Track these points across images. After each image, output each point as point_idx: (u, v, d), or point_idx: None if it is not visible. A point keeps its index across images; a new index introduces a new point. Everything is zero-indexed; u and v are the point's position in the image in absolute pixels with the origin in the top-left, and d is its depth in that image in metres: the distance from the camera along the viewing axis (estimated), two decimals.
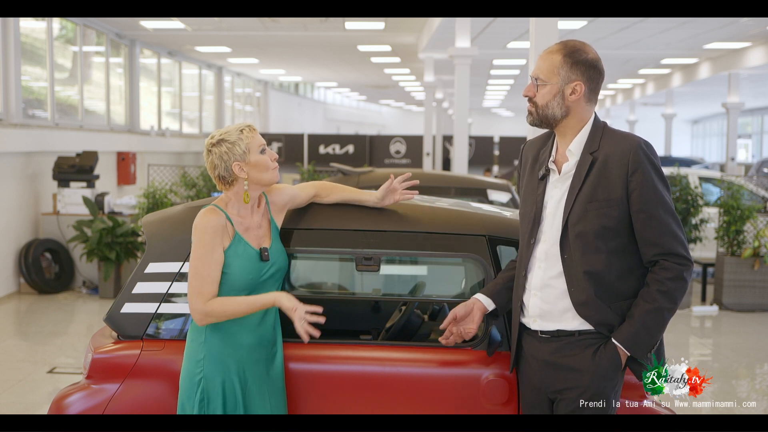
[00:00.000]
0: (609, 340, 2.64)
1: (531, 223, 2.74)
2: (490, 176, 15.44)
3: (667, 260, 2.60)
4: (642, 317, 2.59)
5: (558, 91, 2.67)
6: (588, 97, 2.70)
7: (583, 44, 2.70)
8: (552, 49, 2.71)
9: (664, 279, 2.59)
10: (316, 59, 17.88)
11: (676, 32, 12.77)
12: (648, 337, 2.60)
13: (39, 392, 5.71)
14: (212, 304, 2.76)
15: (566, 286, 2.65)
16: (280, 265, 2.89)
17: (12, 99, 9.37)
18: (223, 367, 2.79)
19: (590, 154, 2.65)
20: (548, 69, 2.68)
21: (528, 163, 2.85)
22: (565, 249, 2.66)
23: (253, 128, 2.86)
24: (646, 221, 2.59)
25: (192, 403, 2.77)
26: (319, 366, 2.99)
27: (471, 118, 31.01)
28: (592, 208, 2.62)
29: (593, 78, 2.69)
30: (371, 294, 4.44)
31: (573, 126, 2.71)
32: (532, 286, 2.73)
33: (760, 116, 31.98)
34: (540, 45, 5.22)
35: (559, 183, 2.71)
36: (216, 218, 2.79)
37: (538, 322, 2.72)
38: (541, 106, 2.70)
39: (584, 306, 2.63)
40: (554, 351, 2.68)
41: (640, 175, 2.58)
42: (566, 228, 2.65)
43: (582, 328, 2.65)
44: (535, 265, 2.73)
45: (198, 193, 10.79)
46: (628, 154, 2.59)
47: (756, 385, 6.47)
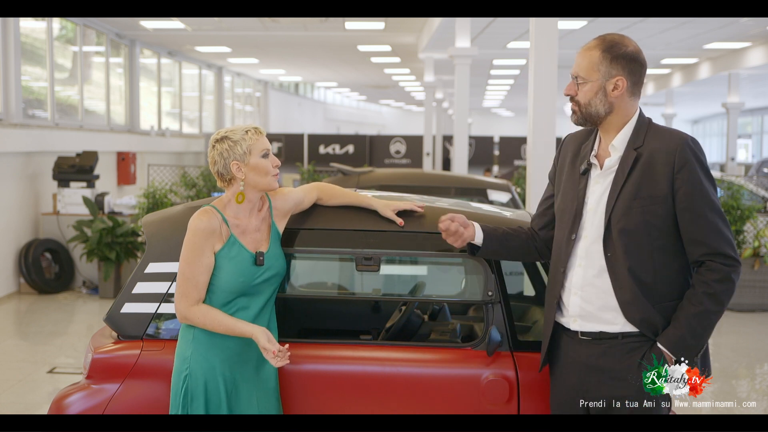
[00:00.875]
0: (654, 343, 2.57)
1: (572, 218, 2.68)
2: (490, 176, 15.44)
3: (714, 261, 2.52)
4: (688, 320, 2.52)
5: (599, 88, 2.61)
6: (631, 91, 2.63)
7: (621, 37, 2.64)
8: (590, 45, 2.65)
9: (711, 281, 2.52)
10: (316, 59, 17.88)
11: (676, 32, 12.77)
12: (694, 341, 2.54)
13: (39, 392, 5.71)
14: (195, 312, 2.76)
15: (610, 285, 2.59)
16: (277, 270, 2.88)
17: (12, 99, 9.37)
18: (208, 366, 2.78)
19: (634, 150, 2.59)
20: (588, 66, 2.62)
21: (568, 157, 2.78)
22: (608, 246, 2.59)
23: (260, 131, 2.84)
24: (692, 220, 2.53)
25: (178, 399, 2.78)
26: (319, 366, 2.99)
27: (471, 118, 30.99)
28: (636, 205, 2.55)
29: (635, 71, 2.62)
30: (371, 294, 4.44)
31: (617, 122, 2.65)
32: (572, 285, 2.67)
33: (760, 116, 31.97)
34: (540, 45, 5.22)
35: (601, 178, 2.65)
36: (208, 221, 2.78)
37: (579, 322, 2.66)
38: (584, 104, 2.64)
39: (629, 305, 2.57)
40: (597, 355, 2.61)
41: (686, 172, 2.52)
42: (609, 225, 2.59)
43: (625, 330, 2.59)
44: (575, 263, 2.67)
45: (198, 193, 10.79)
46: (675, 151, 2.53)
47: (756, 385, 6.47)
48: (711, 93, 23.02)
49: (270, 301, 2.89)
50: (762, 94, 23.87)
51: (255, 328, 2.75)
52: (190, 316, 2.76)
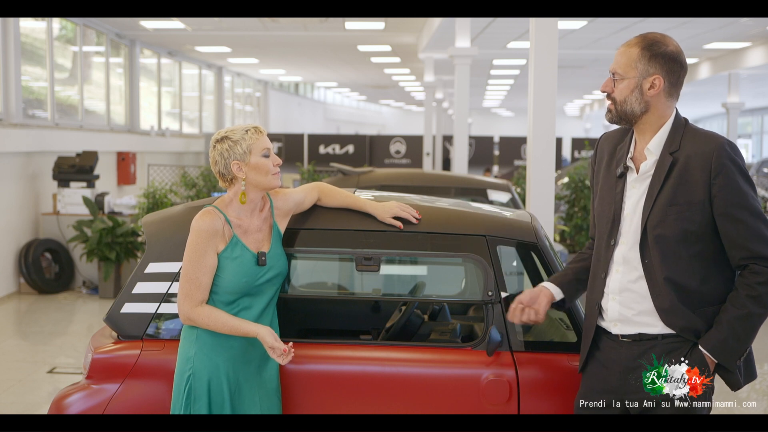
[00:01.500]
0: (695, 346, 2.54)
1: (610, 223, 2.66)
2: (490, 176, 15.44)
3: (757, 264, 2.49)
4: (730, 323, 2.49)
5: (636, 86, 2.58)
6: (668, 91, 2.60)
7: (663, 36, 2.61)
8: (630, 42, 2.62)
9: (754, 283, 2.49)
10: (316, 59, 17.88)
11: (676, 32, 12.76)
12: (737, 344, 2.50)
13: (39, 392, 5.71)
14: (200, 312, 2.76)
15: (648, 291, 2.57)
16: (279, 270, 2.88)
17: (12, 99, 9.37)
18: (212, 366, 2.78)
19: (670, 154, 2.56)
20: (626, 63, 2.59)
21: (604, 159, 2.75)
22: (645, 253, 2.57)
23: (260, 130, 2.84)
24: (732, 225, 2.49)
25: (180, 400, 2.78)
26: (319, 366, 2.99)
27: (471, 118, 31.01)
28: (672, 212, 2.52)
29: (673, 71, 2.58)
30: (371, 294, 4.44)
31: (653, 123, 2.61)
32: (610, 290, 2.65)
33: (760, 116, 31.97)
34: (540, 45, 5.22)
35: (637, 183, 2.62)
36: (211, 221, 2.78)
37: (619, 326, 2.64)
38: (620, 101, 2.61)
39: (668, 313, 2.54)
40: (638, 356, 2.59)
41: (723, 177, 2.48)
42: (645, 231, 2.57)
43: (665, 332, 2.57)
44: (613, 269, 2.65)
45: (198, 193, 10.79)
46: (711, 155, 2.49)
47: (756, 385, 6.46)
48: (711, 93, 23.01)
49: (272, 300, 2.89)
50: (762, 94, 23.87)
51: (260, 327, 2.76)
52: (194, 317, 2.76)
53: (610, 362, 2.66)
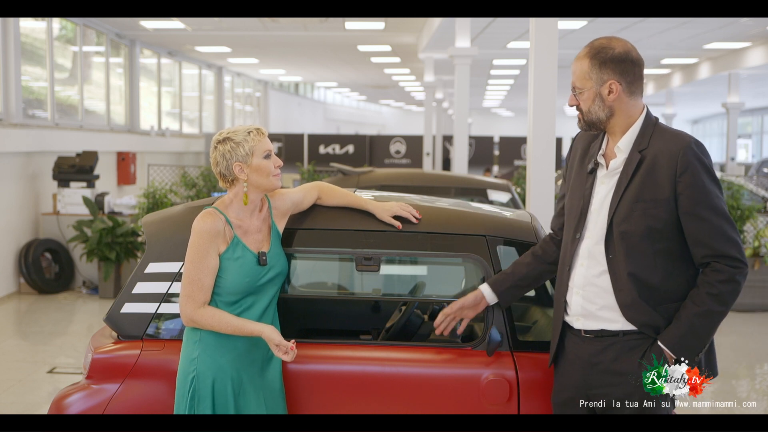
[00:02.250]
0: (655, 342, 2.57)
1: (577, 217, 2.70)
2: (490, 176, 15.43)
3: (719, 262, 2.52)
4: (690, 320, 2.52)
5: (595, 95, 2.63)
6: (629, 91, 2.64)
7: (609, 40, 2.65)
8: (580, 55, 2.68)
9: (715, 281, 2.52)
10: (316, 59, 17.88)
11: (676, 32, 12.77)
12: (695, 341, 2.54)
13: (39, 392, 5.71)
14: (203, 314, 2.76)
15: (611, 286, 2.61)
16: (279, 270, 2.89)
17: (12, 99, 9.37)
18: (216, 367, 2.78)
19: (639, 152, 2.60)
20: (580, 75, 2.66)
21: (578, 155, 2.80)
22: (610, 248, 2.61)
23: (262, 132, 2.85)
24: (696, 223, 2.53)
25: (184, 401, 2.78)
26: (319, 366, 2.99)
27: (471, 118, 31.00)
28: (638, 208, 2.57)
29: (627, 71, 2.63)
30: (371, 294, 4.43)
31: (621, 124, 2.66)
32: (574, 284, 2.69)
33: (760, 116, 31.97)
34: (540, 45, 5.22)
35: (606, 179, 2.67)
36: (213, 222, 2.79)
37: (581, 321, 2.68)
38: (585, 112, 2.67)
39: (629, 308, 2.58)
40: (598, 352, 2.64)
41: (689, 176, 2.52)
42: (611, 226, 2.61)
43: (626, 329, 2.60)
44: (578, 263, 2.69)
45: (198, 193, 10.78)
46: (678, 154, 2.53)
47: (756, 385, 6.47)
48: (711, 93, 23.02)
49: (273, 300, 2.90)
50: (762, 94, 23.87)
51: (264, 326, 2.77)
52: (196, 318, 2.76)
53: (573, 358, 2.71)
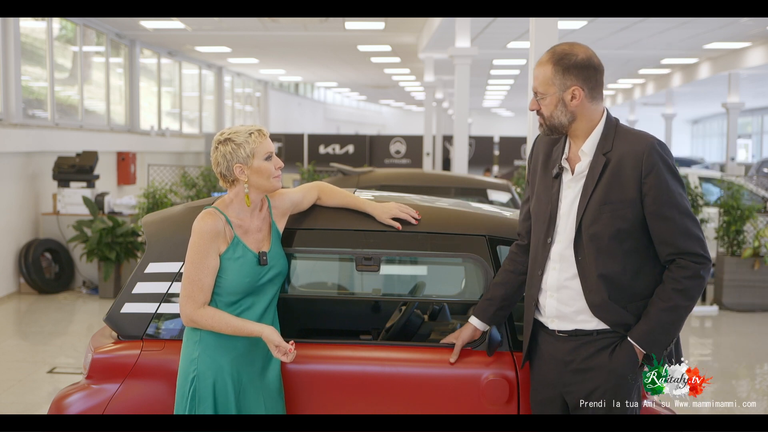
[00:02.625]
0: (625, 338, 2.63)
1: (546, 222, 2.73)
2: (490, 176, 15.43)
3: (683, 259, 2.59)
4: (658, 315, 2.59)
5: (558, 100, 2.66)
6: (591, 96, 2.67)
7: (571, 46, 2.68)
8: (542, 60, 2.70)
9: (681, 277, 2.59)
10: (316, 59, 17.88)
11: (676, 32, 12.77)
12: (664, 335, 2.60)
13: (39, 392, 5.71)
14: (202, 314, 2.76)
15: (581, 288, 2.65)
16: (280, 269, 2.89)
17: (12, 99, 9.37)
18: (216, 367, 2.78)
19: (603, 155, 2.64)
20: (543, 81, 2.68)
21: (540, 159, 2.83)
22: (579, 251, 2.65)
23: (263, 133, 2.84)
24: (661, 222, 2.59)
25: (185, 402, 2.78)
26: (319, 366, 2.99)
27: (471, 118, 31.01)
28: (606, 210, 2.61)
29: (589, 77, 2.66)
30: (371, 294, 4.43)
31: (584, 128, 2.69)
32: (548, 287, 2.73)
33: (760, 116, 31.97)
34: (540, 45, 5.22)
35: (573, 183, 2.70)
36: (213, 222, 2.79)
37: (556, 322, 2.72)
38: (547, 117, 2.70)
39: (599, 308, 2.63)
40: (572, 350, 2.68)
41: (654, 177, 2.57)
42: (580, 230, 2.64)
43: (599, 328, 2.66)
44: (550, 266, 2.73)
45: (198, 193, 10.78)
46: (642, 155, 2.58)
47: (756, 385, 6.47)
48: (711, 93, 23.02)
49: (273, 300, 2.90)
50: (762, 94, 23.87)
51: (264, 327, 2.77)
52: (196, 318, 2.76)
53: (548, 356, 2.75)
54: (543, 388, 2.78)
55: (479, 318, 2.94)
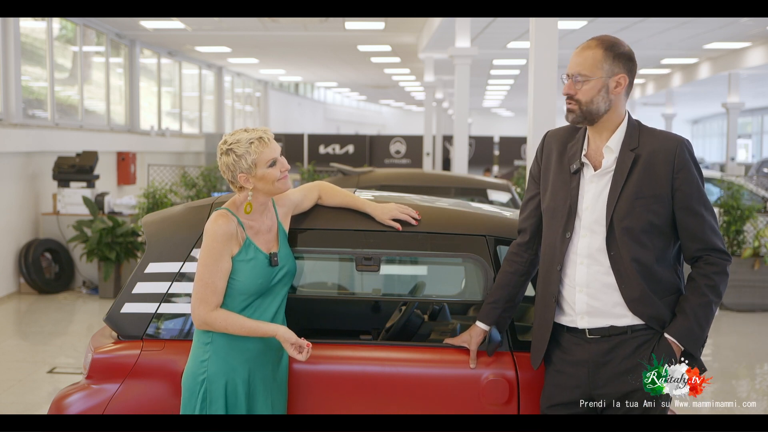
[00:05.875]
0: (662, 336, 2.63)
1: (565, 217, 2.72)
2: (490, 176, 15.44)
3: (711, 255, 2.65)
4: (694, 311, 2.61)
5: (603, 86, 2.66)
6: (627, 90, 2.71)
7: (617, 38, 2.72)
8: (590, 45, 2.69)
9: (711, 273, 2.63)
10: (316, 59, 17.88)
11: (676, 32, 12.77)
12: (700, 332, 2.63)
13: (39, 392, 5.71)
14: (216, 316, 2.74)
15: (615, 282, 2.65)
16: (289, 269, 2.89)
17: (12, 99, 9.37)
18: (228, 368, 2.77)
19: (631, 151, 2.66)
20: (592, 64, 2.66)
21: (553, 155, 2.82)
22: (611, 245, 2.65)
23: (264, 141, 2.79)
24: (692, 218, 2.64)
25: (194, 403, 2.77)
26: (319, 366, 2.99)
27: (471, 118, 30.99)
28: (639, 204, 2.63)
29: (633, 71, 2.71)
30: (371, 294, 4.43)
31: (612, 121, 2.71)
32: (576, 283, 2.70)
33: (760, 116, 31.97)
34: (540, 45, 5.22)
35: (596, 179, 2.70)
36: (226, 224, 2.77)
37: (587, 319, 2.69)
38: (585, 102, 2.68)
39: (637, 302, 2.63)
40: (608, 351, 2.66)
41: (685, 173, 2.62)
42: (612, 224, 2.65)
43: (634, 324, 2.65)
44: (576, 261, 2.71)
45: (198, 193, 10.78)
46: (674, 151, 2.63)
47: (756, 385, 6.47)
48: (711, 93, 23.02)
49: (284, 300, 2.90)
50: (762, 94, 23.87)
51: (278, 327, 2.76)
52: (210, 321, 2.75)
53: (575, 359, 2.71)
54: (563, 392, 2.73)
55: (484, 322, 2.92)
